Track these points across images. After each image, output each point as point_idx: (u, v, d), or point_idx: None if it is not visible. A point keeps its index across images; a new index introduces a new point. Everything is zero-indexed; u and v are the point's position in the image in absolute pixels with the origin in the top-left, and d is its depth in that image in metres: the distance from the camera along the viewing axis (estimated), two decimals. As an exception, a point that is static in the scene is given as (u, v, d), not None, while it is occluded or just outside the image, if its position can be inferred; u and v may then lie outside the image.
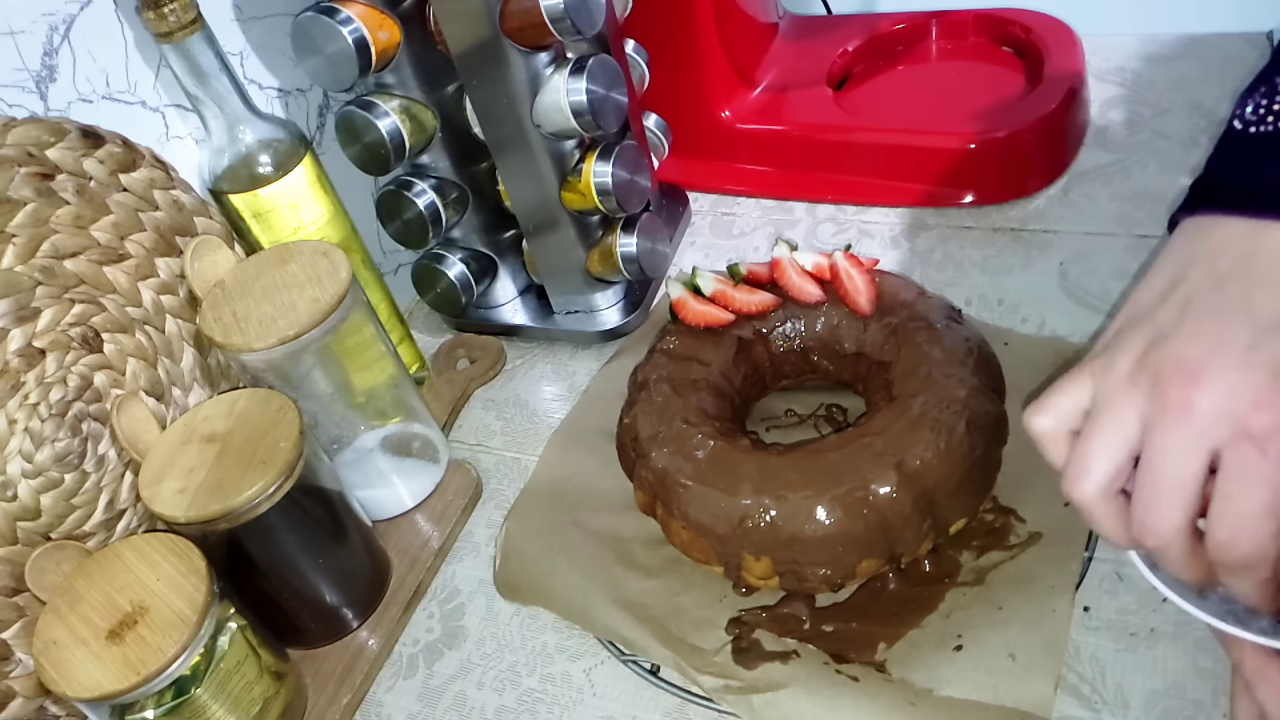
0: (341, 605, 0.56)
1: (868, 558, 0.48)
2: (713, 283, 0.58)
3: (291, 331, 0.51)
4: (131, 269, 0.54)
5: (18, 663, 0.48)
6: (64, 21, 0.52)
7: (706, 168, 0.80)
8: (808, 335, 0.58)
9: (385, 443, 0.62)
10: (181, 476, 0.48)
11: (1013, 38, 0.78)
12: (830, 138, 0.74)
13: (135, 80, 0.56)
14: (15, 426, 0.48)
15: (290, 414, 0.50)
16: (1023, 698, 0.44)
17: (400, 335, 0.68)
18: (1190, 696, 0.44)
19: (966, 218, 0.71)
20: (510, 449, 0.66)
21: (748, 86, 0.79)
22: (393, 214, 0.66)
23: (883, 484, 0.47)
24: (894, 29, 0.82)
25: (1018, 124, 0.69)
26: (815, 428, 0.59)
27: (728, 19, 0.75)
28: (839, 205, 0.75)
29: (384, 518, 0.62)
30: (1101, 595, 0.48)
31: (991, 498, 0.52)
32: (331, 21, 0.56)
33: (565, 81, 0.59)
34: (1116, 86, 0.77)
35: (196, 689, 0.46)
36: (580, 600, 0.53)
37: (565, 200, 0.64)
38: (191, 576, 0.46)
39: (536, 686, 0.53)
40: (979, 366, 0.52)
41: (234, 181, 0.57)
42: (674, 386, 0.55)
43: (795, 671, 0.48)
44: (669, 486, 0.51)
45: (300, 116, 0.68)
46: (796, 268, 0.58)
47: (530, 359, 0.72)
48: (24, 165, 0.48)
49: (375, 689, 0.55)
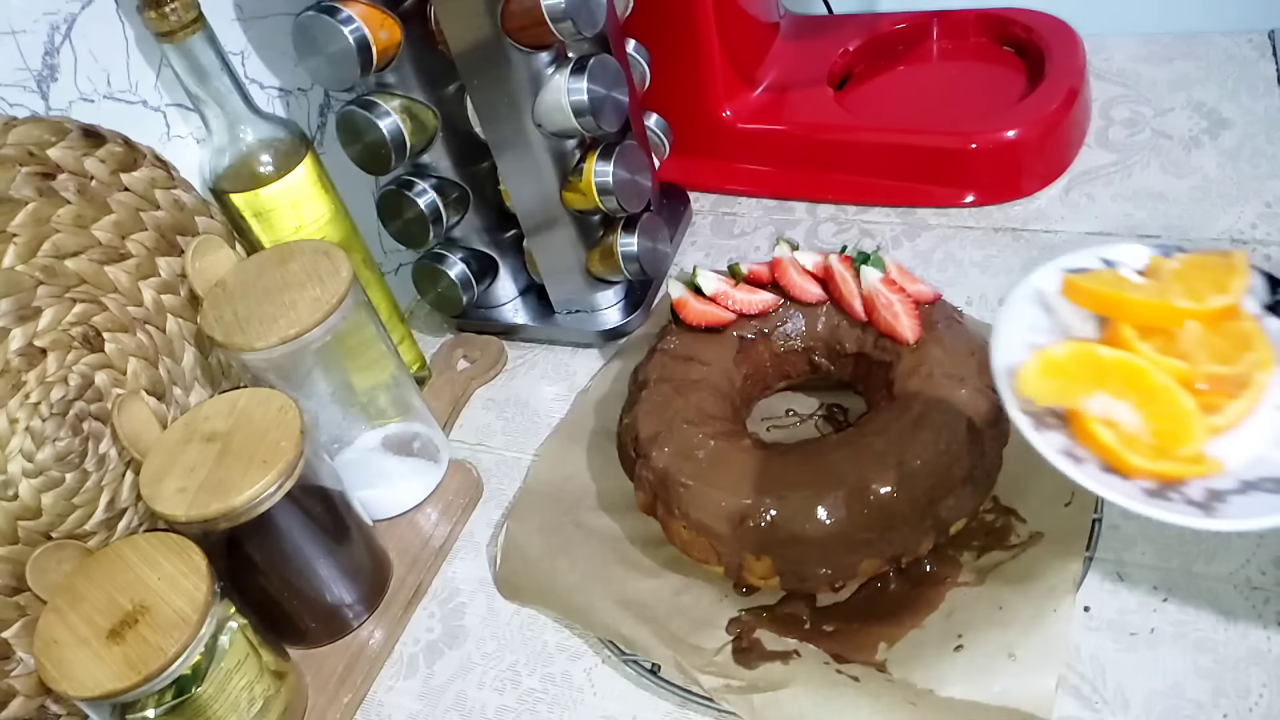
0: (342, 604, 0.56)
1: (868, 558, 0.48)
2: (714, 282, 0.58)
3: (292, 331, 0.51)
4: (133, 268, 0.54)
5: (19, 662, 0.48)
6: (65, 21, 0.52)
7: (707, 167, 0.80)
8: (809, 335, 0.58)
9: (386, 442, 0.63)
10: (182, 476, 0.48)
11: (1014, 37, 0.78)
12: (831, 137, 0.75)
13: (136, 80, 0.56)
14: (16, 426, 0.48)
15: (291, 413, 0.50)
16: (1023, 698, 0.44)
17: (401, 335, 0.68)
18: (1190, 696, 0.44)
19: (967, 217, 0.71)
20: (511, 448, 0.66)
21: (749, 86, 0.79)
22: (393, 213, 0.66)
23: (883, 484, 0.47)
24: (895, 29, 0.82)
25: (1018, 124, 0.69)
26: (816, 428, 0.59)
27: (729, 19, 0.75)
28: (840, 205, 0.75)
29: (384, 517, 0.62)
30: (1102, 595, 0.48)
31: (992, 498, 0.52)
32: (333, 21, 0.56)
33: (566, 81, 0.59)
34: (1117, 86, 0.77)
35: (197, 688, 0.46)
36: (581, 600, 0.53)
37: (566, 200, 0.64)
38: (192, 576, 0.46)
39: (537, 686, 0.53)
40: (980, 366, 0.52)
41: (235, 181, 0.57)
42: (675, 386, 0.55)
43: (796, 671, 0.48)
44: (670, 486, 0.51)
45: (301, 116, 0.68)
46: (797, 267, 0.58)
47: (531, 359, 0.72)
48: (25, 164, 0.48)
49: (376, 688, 0.55)
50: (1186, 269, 0.37)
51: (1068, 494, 0.51)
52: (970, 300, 0.64)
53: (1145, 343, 0.35)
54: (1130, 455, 0.33)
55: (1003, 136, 0.69)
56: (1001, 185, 0.71)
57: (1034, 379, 0.35)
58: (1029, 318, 0.38)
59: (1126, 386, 0.34)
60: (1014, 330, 0.37)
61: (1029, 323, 0.38)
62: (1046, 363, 0.35)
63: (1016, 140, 0.69)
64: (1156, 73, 0.77)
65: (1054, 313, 0.38)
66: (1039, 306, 0.39)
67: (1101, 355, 0.35)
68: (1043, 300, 0.39)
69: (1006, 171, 0.70)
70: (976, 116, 0.72)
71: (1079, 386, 0.35)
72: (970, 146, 0.70)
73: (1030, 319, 0.38)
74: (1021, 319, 0.38)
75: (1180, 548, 0.49)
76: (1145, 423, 0.34)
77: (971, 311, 0.63)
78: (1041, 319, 0.38)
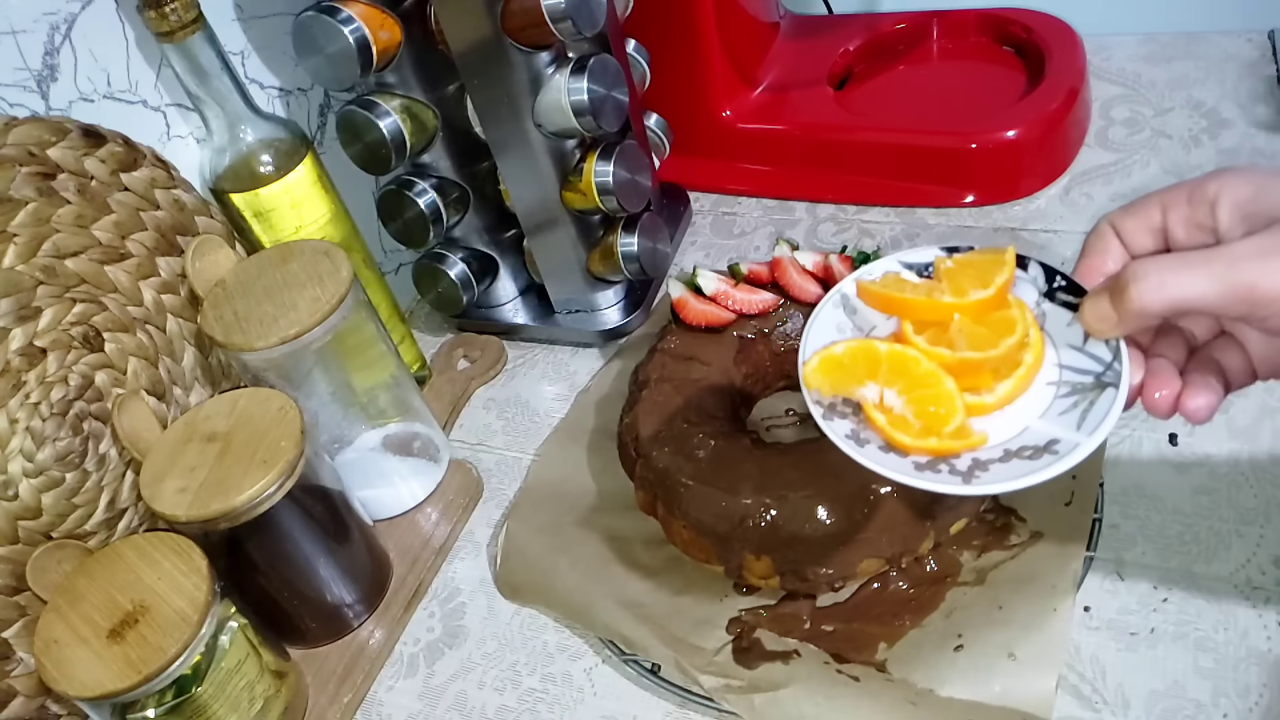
0: (342, 604, 0.56)
1: (868, 557, 0.48)
2: (714, 282, 0.58)
3: (292, 330, 0.51)
4: (133, 268, 0.54)
5: (19, 661, 0.48)
6: (65, 21, 0.52)
7: (707, 167, 0.80)
8: (808, 335, 0.58)
9: (386, 442, 0.63)
10: (182, 476, 0.48)
11: (1014, 37, 0.78)
12: (831, 137, 0.74)
13: (136, 79, 0.56)
14: (16, 425, 0.48)
15: (291, 413, 0.50)
16: (1023, 697, 0.44)
17: (401, 334, 0.68)
18: (1190, 696, 0.44)
19: (967, 217, 0.71)
20: (511, 448, 0.66)
21: (749, 86, 0.79)
22: (394, 213, 0.66)
23: (883, 484, 0.47)
24: (895, 29, 0.82)
25: (1018, 124, 0.69)
26: (816, 428, 0.59)
27: (729, 18, 0.75)
28: (840, 205, 0.75)
29: (385, 517, 0.62)
30: (1102, 595, 0.48)
31: (992, 498, 0.52)
32: (333, 21, 0.56)
33: (566, 81, 0.59)
34: (1117, 86, 0.77)
35: (197, 688, 0.46)
36: (581, 599, 0.53)
37: (566, 200, 0.64)
38: (192, 575, 0.46)
39: (537, 686, 0.53)
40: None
41: (235, 181, 0.57)
42: (675, 386, 0.55)
43: (796, 671, 0.48)
44: (670, 486, 0.51)
45: (301, 116, 0.68)
46: (797, 267, 0.58)
47: (531, 358, 0.72)
48: (25, 165, 0.48)
49: (376, 688, 0.55)
50: (959, 267, 0.41)
51: (1068, 494, 0.51)
52: (970, 300, 0.64)
53: (919, 335, 0.39)
54: (899, 434, 0.37)
55: (1003, 136, 0.69)
56: (1001, 185, 0.70)
57: (815, 374, 0.39)
58: (834, 320, 0.42)
59: (895, 375, 0.38)
60: (819, 332, 0.41)
61: (835, 324, 0.42)
62: (825, 359, 0.40)
63: (1016, 140, 0.69)
64: (1156, 73, 0.77)
65: (858, 314, 0.42)
66: (843, 310, 0.43)
67: (879, 349, 0.39)
68: (847, 304, 0.43)
69: (1006, 171, 0.70)
70: (976, 116, 0.71)
71: (853, 378, 0.39)
72: (970, 146, 0.70)
73: (836, 321, 0.42)
74: (828, 321, 0.42)
75: (1180, 547, 0.49)
76: (910, 405, 0.38)
77: (971, 311, 0.63)
78: (845, 321, 0.42)
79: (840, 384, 0.39)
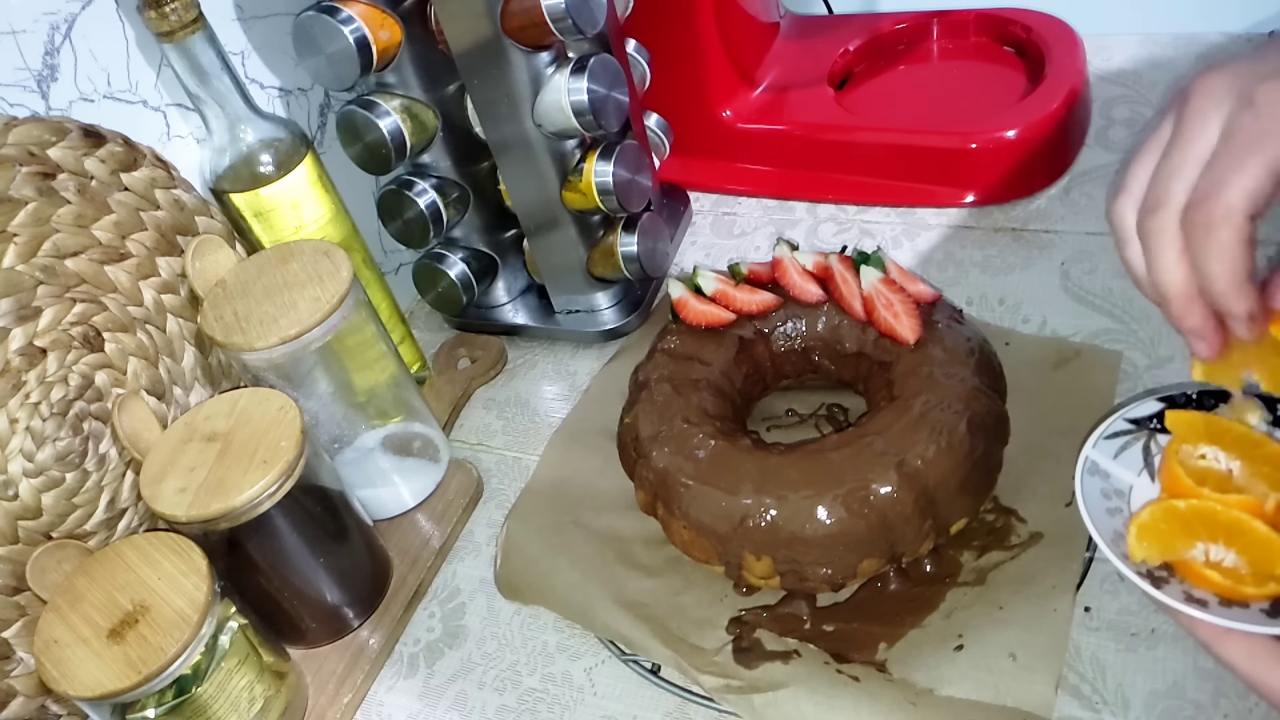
0: (342, 604, 0.56)
1: (869, 557, 0.48)
2: (714, 282, 0.58)
3: (293, 331, 0.51)
4: (133, 268, 0.54)
5: (19, 661, 0.48)
6: (65, 21, 0.52)
7: (707, 167, 0.80)
8: (809, 335, 0.58)
9: (386, 442, 0.63)
10: (182, 476, 0.48)
11: (1014, 38, 0.78)
12: (831, 137, 0.74)
13: (136, 79, 0.56)
14: (16, 425, 0.48)
15: (291, 413, 0.50)
16: (1023, 698, 0.44)
17: (401, 334, 0.68)
18: (1190, 696, 0.44)
19: (968, 218, 0.71)
20: (511, 448, 0.66)
21: (749, 86, 0.79)
22: (394, 213, 0.66)
23: (884, 484, 0.47)
24: (895, 29, 0.82)
25: (1019, 124, 0.69)
26: (816, 427, 0.59)
27: (729, 18, 0.75)
28: (840, 205, 0.75)
29: (385, 517, 0.62)
30: (1102, 595, 0.48)
31: (992, 498, 0.52)
32: (333, 21, 0.56)
33: (566, 81, 0.59)
34: (1118, 86, 0.77)
35: (197, 688, 0.46)
36: (581, 600, 0.53)
37: (566, 200, 0.65)
38: (192, 575, 0.46)
39: (537, 686, 0.53)
40: (980, 366, 0.52)
41: (235, 181, 0.57)
42: (675, 386, 0.55)
43: (796, 671, 0.48)
44: (670, 486, 0.51)
45: (301, 116, 0.68)
46: (797, 267, 0.58)
47: (531, 358, 0.72)
48: (25, 164, 0.48)
49: (376, 688, 0.55)
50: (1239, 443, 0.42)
51: (1068, 494, 0.51)
52: (970, 300, 0.64)
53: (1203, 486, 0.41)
54: (1241, 586, 0.38)
55: (1003, 136, 0.69)
56: (1002, 185, 0.70)
57: (1138, 545, 0.40)
58: (1096, 489, 0.43)
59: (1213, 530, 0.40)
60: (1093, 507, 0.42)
61: (1099, 492, 0.43)
62: (1141, 528, 0.41)
63: (1016, 140, 0.69)
64: (1156, 73, 0.77)
65: (1110, 476, 0.44)
66: (1096, 476, 0.44)
67: (1180, 508, 0.41)
68: (1096, 469, 0.44)
69: (1007, 171, 0.70)
70: (976, 116, 0.71)
71: (1177, 541, 0.40)
72: (970, 146, 0.70)
73: (1098, 489, 0.43)
74: (1093, 494, 0.43)
75: (1180, 548, 0.49)
76: (1239, 556, 0.39)
77: (972, 311, 0.63)
78: (1105, 485, 0.44)
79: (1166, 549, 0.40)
